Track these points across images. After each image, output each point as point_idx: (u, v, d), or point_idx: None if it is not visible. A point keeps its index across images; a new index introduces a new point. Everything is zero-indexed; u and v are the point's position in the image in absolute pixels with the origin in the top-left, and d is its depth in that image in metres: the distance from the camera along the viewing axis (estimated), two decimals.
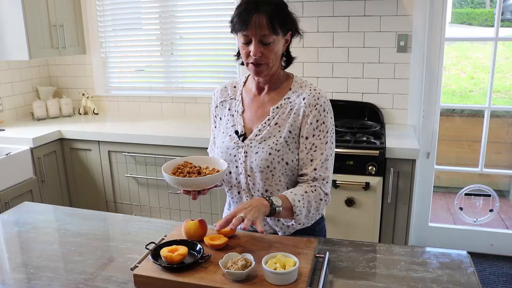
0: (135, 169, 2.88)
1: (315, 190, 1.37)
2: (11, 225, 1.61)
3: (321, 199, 1.38)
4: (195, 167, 1.43)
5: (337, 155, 2.38)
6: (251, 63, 1.35)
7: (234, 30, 1.35)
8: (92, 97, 3.51)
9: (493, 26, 2.78)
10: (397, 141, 2.45)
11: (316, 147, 1.38)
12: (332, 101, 2.95)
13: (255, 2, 1.29)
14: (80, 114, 3.48)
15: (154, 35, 3.33)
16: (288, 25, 1.36)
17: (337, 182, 2.39)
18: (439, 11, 2.74)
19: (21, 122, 3.26)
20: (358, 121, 2.84)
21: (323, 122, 1.39)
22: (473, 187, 3.09)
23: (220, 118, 1.52)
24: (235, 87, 1.53)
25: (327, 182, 1.40)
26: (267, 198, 1.28)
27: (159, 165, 2.81)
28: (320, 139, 1.38)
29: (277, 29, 1.31)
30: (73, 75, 3.57)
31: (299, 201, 1.32)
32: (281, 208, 1.28)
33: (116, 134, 2.85)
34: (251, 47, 1.32)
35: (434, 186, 3.06)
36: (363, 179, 2.37)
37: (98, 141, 2.90)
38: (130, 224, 1.61)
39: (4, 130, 2.99)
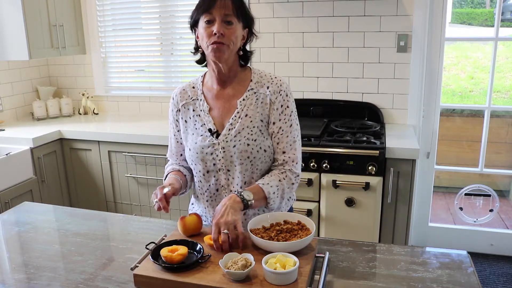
0: (135, 169, 2.88)
1: (286, 176, 1.45)
2: (11, 225, 1.61)
3: (292, 183, 1.47)
4: (286, 224, 1.36)
5: (337, 155, 2.39)
6: (213, 43, 1.37)
7: (197, 15, 1.40)
8: (92, 97, 3.51)
9: (493, 26, 2.78)
10: (397, 141, 2.45)
11: (283, 130, 1.46)
12: (332, 101, 2.97)
13: None
14: (80, 114, 3.48)
15: (154, 35, 3.33)
16: (247, 18, 1.44)
17: (337, 182, 2.39)
18: (439, 11, 2.74)
19: (21, 122, 3.26)
20: (358, 121, 2.84)
21: (287, 106, 1.47)
22: (473, 187, 3.09)
23: (186, 121, 1.52)
24: (193, 87, 1.54)
25: (296, 163, 1.48)
26: (238, 194, 1.35)
27: (159, 165, 2.81)
28: (285, 122, 1.46)
29: (239, 15, 1.39)
30: (73, 75, 3.57)
31: (273, 193, 1.41)
32: (253, 201, 1.36)
33: (116, 134, 2.84)
34: (214, 27, 1.36)
35: (434, 186, 3.06)
36: (363, 179, 2.37)
37: (98, 141, 2.90)
38: (130, 224, 1.61)
39: (4, 130, 2.99)
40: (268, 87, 1.46)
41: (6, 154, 2.63)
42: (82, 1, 3.35)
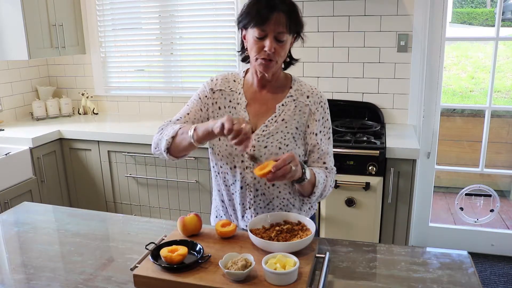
0: (135, 169, 2.88)
1: (329, 175, 1.50)
2: (10, 225, 1.60)
3: (331, 186, 1.52)
4: (286, 224, 1.37)
5: (337, 155, 2.38)
6: (263, 58, 1.37)
7: (248, 24, 1.36)
8: (91, 97, 3.51)
9: (493, 25, 2.78)
10: (398, 141, 2.45)
11: (323, 142, 1.49)
12: (332, 101, 2.97)
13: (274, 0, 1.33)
14: (80, 114, 3.48)
15: (154, 35, 3.33)
16: (299, 27, 1.42)
17: (337, 182, 2.39)
18: (440, 10, 2.74)
19: (20, 122, 3.25)
20: (358, 121, 2.83)
21: (327, 119, 1.51)
22: (474, 187, 3.09)
23: (219, 108, 1.50)
24: (235, 80, 1.53)
25: (335, 172, 1.55)
26: (303, 167, 1.36)
27: (159, 165, 2.81)
28: (325, 134, 1.50)
29: (292, 29, 1.37)
30: (72, 75, 3.57)
31: (321, 184, 1.43)
32: (305, 182, 1.37)
33: (116, 134, 2.84)
34: (266, 43, 1.34)
35: (434, 186, 3.06)
36: (363, 179, 2.37)
37: (98, 141, 2.90)
38: (130, 224, 1.60)
39: (3, 130, 2.98)
40: (308, 97, 1.47)
41: (6, 154, 2.63)
42: (82, 0, 3.34)
